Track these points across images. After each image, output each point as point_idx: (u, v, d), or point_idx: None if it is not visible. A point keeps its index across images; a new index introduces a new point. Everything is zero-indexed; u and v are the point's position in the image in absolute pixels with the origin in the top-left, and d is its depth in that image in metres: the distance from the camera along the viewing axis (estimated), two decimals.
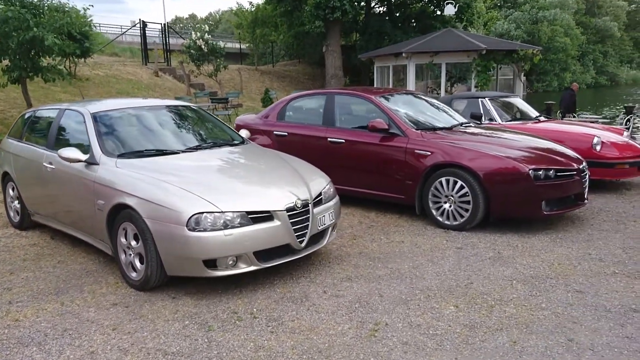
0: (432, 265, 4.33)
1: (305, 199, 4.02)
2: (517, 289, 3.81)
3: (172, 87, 17.80)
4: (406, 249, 4.78)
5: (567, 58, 54.11)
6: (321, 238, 4.30)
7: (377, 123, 5.67)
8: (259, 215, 3.76)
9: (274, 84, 23.63)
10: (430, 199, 5.40)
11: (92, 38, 13.72)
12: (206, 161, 4.40)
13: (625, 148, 6.87)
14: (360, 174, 5.97)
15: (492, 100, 7.84)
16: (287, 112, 6.87)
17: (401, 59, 15.79)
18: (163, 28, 20.09)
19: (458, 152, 5.20)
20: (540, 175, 4.92)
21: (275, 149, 6.59)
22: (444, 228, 5.32)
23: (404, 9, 27.13)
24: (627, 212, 5.88)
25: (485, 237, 5.01)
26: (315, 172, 4.62)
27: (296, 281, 4.06)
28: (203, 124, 5.31)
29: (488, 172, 4.99)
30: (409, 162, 5.51)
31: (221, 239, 3.59)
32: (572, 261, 4.34)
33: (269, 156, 4.81)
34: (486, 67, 14.84)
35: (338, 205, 4.54)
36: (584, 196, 5.33)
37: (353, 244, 4.98)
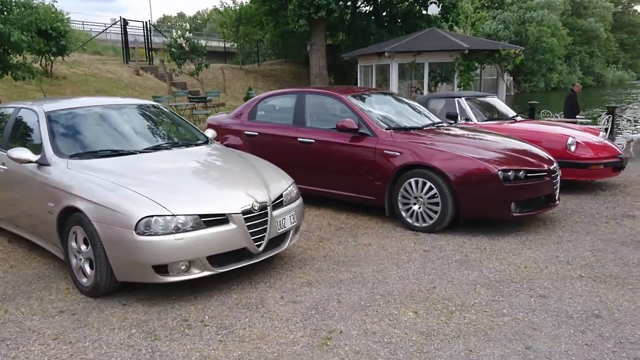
0: (396, 269, 4.22)
1: (264, 201, 3.88)
2: (480, 294, 3.70)
3: (153, 86, 17.55)
4: (372, 252, 4.66)
5: (554, 58, 54.47)
6: (282, 241, 4.16)
7: (347, 123, 5.55)
8: (214, 219, 3.62)
9: (259, 83, 23.44)
10: (400, 200, 5.29)
11: (68, 36, 13.44)
12: (163, 162, 4.24)
13: (600, 148, 6.81)
14: (330, 174, 5.84)
15: (468, 100, 7.76)
16: (258, 111, 6.72)
17: (384, 59, 15.67)
18: (145, 26, 19.82)
19: (427, 152, 5.10)
20: (510, 176, 4.82)
21: (246, 149, 6.48)
22: (414, 230, 5.21)
23: (389, 9, 27.07)
24: (600, 213, 5.81)
25: (454, 240, 4.91)
26: (277, 173, 4.48)
27: (254, 286, 3.92)
28: (166, 124, 5.16)
29: (456, 173, 4.89)
30: (378, 162, 5.40)
31: (172, 244, 3.44)
32: (539, 264, 4.25)
33: (231, 157, 4.67)
34: (469, 66, 14.77)
35: (301, 207, 4.41)
36: (555, 197, 5.24)
37: (319, 246, 4.85)
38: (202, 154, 4.64)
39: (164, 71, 17.60)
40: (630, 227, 5.22)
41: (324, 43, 21.07)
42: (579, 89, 13.48)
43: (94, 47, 23.98)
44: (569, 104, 13.00)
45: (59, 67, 15.28)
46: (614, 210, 5.90)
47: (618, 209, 5.95)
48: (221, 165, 4.41)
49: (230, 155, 4.72)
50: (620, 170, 6.93)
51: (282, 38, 24.70)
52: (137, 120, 4.96)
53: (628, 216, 5.65)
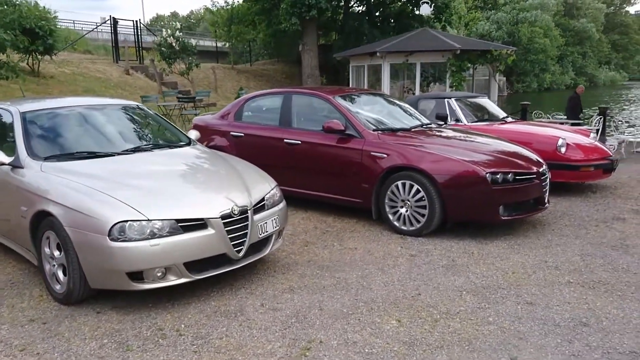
0: (381, 275, 4.11)
1: (244, 205, 3.76)
2: (465, 301, 3.60)
3: (143, 85, 17.37)
4: (358, 256, 4.55)
5: (546, 59, 54.64)
6: (264, 246, 4.05)
7: (333, 124, 5.44)
8: (191, 224, 3.50)
9: (251, 83, 23.27)
10: (387, 203, 5.19)
11: (55, 35, 13.24)
12: (141, 165, 4.12)
13: (590, 150, 6.74)
14: (317, 176, 5.73)
15: (458, 100, 7.67)
16: (244, 111, 6.60)
17: (376, 59, 15.58)
18: (135, 25, 19.63)
19: (414, 154, 5.00)
20: (498, 179, 4.73)
21: (232, 150, 6.37)
22: (401, 234, 5.10)
23: (383, 9, 27.00)
24: (590, 216, 5.73)
25: (441, 244, 4.81)
26: (260, 176, 4.37)
27: (234, 293, 3.80)
28: (148, 125, 5.02)
29: (444, 175, 4.79)
30: (365, 164, 5.29)
31: (147, 250, 3.31)
32: (527, 270, 4.16)
33: (212, 159, 4.55)
34: (460, 67, 14.71)
35: (284, 210, 4.29)
36: (544, 200, 5.16)
37: (304, 251, 4.73)
38: (183, 156, 4.51)
39: (154, 71, 17.41)
40: (620, 231, 5.15)
41: (316, 43, 20.96)
42: (581, 91, 13.19)
43: (84, 46, 23.74)
44: (570, 105, 12.82)
45: (47, 67, 15.06)
46: (604, 213, 5.83)
47: (608, 212, 5.87)
48: (202, 168, 4.29)
49: (212, 158, 4.59)
50: (611, 172, 6.87)
51: (275, 38, 24.57)
52: (118, 121, 4.82)
53: (618, 219, 5.57)
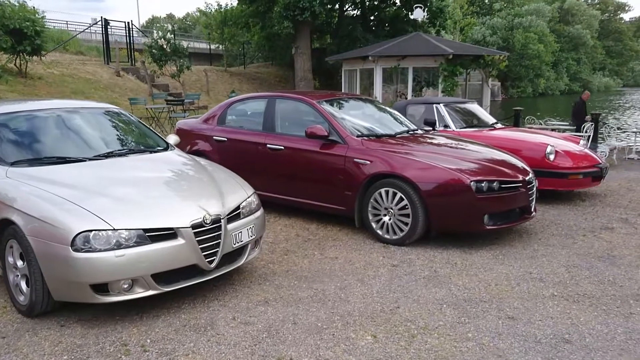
0: (360, 286, 3.98)
1: (217, 214, 3.62)
2: (445, 315, 3.47)
3: (133, 87, 17.19)
4: (338, 266, 4.42)
5: (541, 64, 54.82)
6: (238, 256, 3.91)
7: (316, 129, 5.31)
8: (160, 233, 3.35)
9: (244, 85, 23.14)
10: (370, 211, 5.06)
11: (43, 35, 13.06)
12: (113, 171, 3.96)
13: (580, 158, 6.64)
14: (300, 183, 5.60)
15: (447, 106, 7.56)
16: (228, 116, 6.47)
17: (368, 63, 15.49)
18: (127, 26, 19.47)
19: (397, 161, 4.87)
20: (483, 188, 4.61)
21: (214, 155, 6.24)
22: (384, 242, 4.98)
23: (377, 13, 26.96)
24: (578, 225, 5.62)
25: (424, 253, 4.68)
26: (237, 183, 4.23)
27: (207, 305, 3.66)
28: (125, 129, 4.87)
29: (427, 183, 4.67)
30: (348, 171, 5.16)
31: (111, 261, 3.17)
32: (510, 281, 4.03)
33: (188, 165, 4.41)
34: (453, 72, 14.63)
35: (261, 219, 4.15)
36: (530, 209, 5.04)
37: (283, 260, 4.59)
38: (157, 162, 4.37)
39: (145, 73, 17.24)
40: (608, 241, 5.03)
41: (309, 46, 20.86)
42: (587, 97, 12.81)
43: (77, 47, 23.49)
44: (575, 111, 12.56)
45: (36, 67, 14.86)
46: (592, 222, 5.72)
47: (597, 221, 5.77)
48: (176, 175, 4.15)
49: (189, 164, 4.45)
50: (600, 180, 6.77)
51: (269, 41, 24.45)
52: (93, 126, 4.66)
53: (607, 228, 5.47)
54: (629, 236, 5.19)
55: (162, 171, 4.17)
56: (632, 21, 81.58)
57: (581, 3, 69.22)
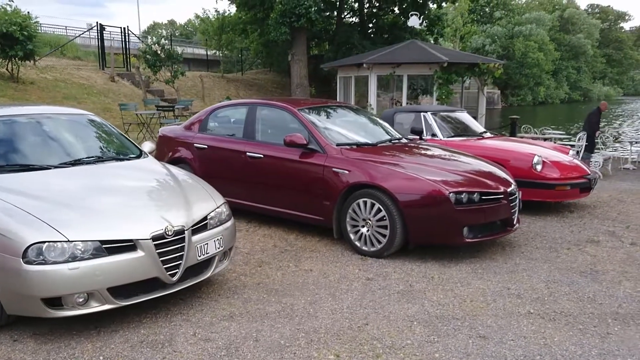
0: (331, 301, 3.84)
1: (180, 225, 3.50)
2: (414, 333, 3.33)
3: (127, 92, 17.13)
4: (312, 279, 4.29)
5: (541, 73, 54.81)
6: (205, 269, 3.78)
7: (295, 138, 5.19)
8: (118, 245, 3.23)
9: (241, 92, 23.08)
10: (348, 222, 4.93)
11: (35, 40, 13.01)
12: (76, 179, 3.85)
13: (568, 168, 6.51)
14: (279, 192, 5.48)
15: (434, 114, 7.45)
16: (209, 122, 6.36)
17: (363, 70, 15.40)
18: (123, 32, 19.44)
19: (375, 171, 4.75)
20: (462, 199, 4.48)
21: (195, 162, 6.15)
22: (362, 254, 4.85)
23: (375, 20, 26.95)
24: (564, 237, 5.48)
25: (402, 266, 4.55)
26: (206, 192, 4.10)
27: (169, 319, 3.53)
28: (97, 136, 4.76)
29: (405, 194, 4.54)
30: (326, 181, 5.04)
31: (65, 274, 3.05)
32: (486, 297, 3.90)
33: (158, 174, 4.28)
34: (448, 79, 14.53)
35: (231, 230, 4.03)
36: (512, 222, 4.90)
37: (256, 272, 4.46)
38: (126, 170, 4.25)
39: (139, 78, 17.18)
40: (592, 255, 4.90)
41: (305, 53, 20.79)
42: (605, 107, 12.12)
43: (74, 52, 23.49)
44: (591, 120, 12.09)
45: (29, 72, 14.82)
46: (578, 235, 5.58)
47: (583, 234, 5.63)
48: (142, 184, 4.02)
49: (159, 172, 4.33)
50: (589, 191, 6.64)
51: (266, 47, 24.43)
52: (63, 132, 4.54)
53: (592, 242, 5.33)
54: (614, 250, 5.06)
55: (129, 180, 4.05)
56: (632, 30, 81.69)
57: (581, 12, 69.35)
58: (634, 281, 4.22)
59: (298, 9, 18.80)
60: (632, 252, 4.98)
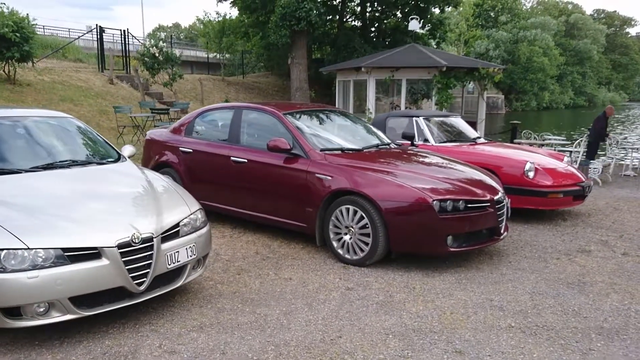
0: (307, 311, 3.72)
1: (148, 232, 3.39)
2: (388, 347, 3.21)
3: (126, 95, 17.07)
4: (290, 288, 4.17)
5: (545, 78, 54.56)
6: (176, 277, 3.67)
7: (279, 142, 5.08)
8: (81, 253, 3.13)
9: (241, 95, 23.00)
10: (331, 229, 4.81)
11: (31, 42, 12.97)
12: (46, 183, 3.75)
13: (561, 175, 6.37)
14: (263, 198, 5.37)
15: (426, 119, 7.32)
16: (195, 126, 6.26)
17: (362, 74, 15.30)
18: (122, 34, 19.41)
19: (358, 177, 4.63)
20: (447, 207, 4.35)
21: (181, 166, 6.06)
22: (345, 263, 4.72)
23: (377, 24, 26.87)
24: (554, 247, 5.34)
25: (384, 276, 4.42)
26: (180, 198, 3.99)
27: (137, 330, 3.41)
28: (74, 140, 4.66)
29: (388, 201, 4.41)
30: (309, 187, 4.93)
31: (23, 283, 2.94)
32: (467, 309, 3.76)
33: (133, 179, 4.18)
34: (447, 84, 14.40)
35: (206, 237, 3.91)
36: (499, 230, 4.77)
37: (234, 280, 4.35)
38: (100, 174, 4.15)
39: (137, 80, 17.14)
40: (582, 265, 4.75)
41: (305, 56, 20.70)
42: (611, 112, 11.70)
43: (76, 54, 23.52)
44: (595, 126, 11.84)
45: (27, 74, 14.79)
46: (569, 244, 5.44)
47: (574, 243, 5.49)
48: (114, 189, 3.91)
49: (133, 177, 4.22)
50: (582, 199, 6.49)
51: (267, 50, 24.38)
52: (38, 135, 4.45)
53: (583, 251, 5.18)
54: (604, 260, 4.91)
55: (101, 185, 3.94)
56: (638, 36, 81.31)
57: (587, 17, 69.05)
58: (622, 293, 4.08)
59: (298, 12, 18.74)
60: (623, 263, 4.83)
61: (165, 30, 78.38)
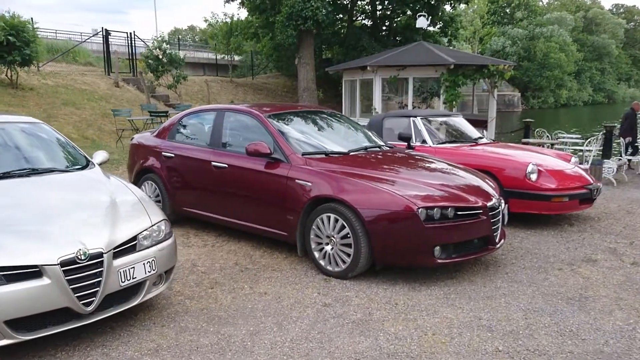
0: (276, 331, 3.41)
1: (98, 247, 3.11)
2: None
3: (131, 98, 16.96)
4: (263, 304, 3.86)
5: (562, 74, 53.46)
6: (133, 295, 3.39)
7: (259, 146, 4.78)
8: (20, 272, 2.86)
9: (249, 96, 22.80)
10: (313, 239, 4.50)
11: (33, 45, 12.90)
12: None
13: (567, 177, 5.95)
14: (245, 205, 5.07)
15: (424, 119, 6.96)
16: (179, 130, 5.99)
17: (368, 73, 14.95)
18: (128, 37, 19.34)
19: (338, 183, 4.30)
20: (434, 215, 4.00)
21: (163, 171, 5.83)
22: (327, 275, 4.40)
23: (388, 22, 26.46)
24: (557, 255, 4.95)
25: (367, 290, 4.09)
26: (142, 209, 3.70)
27: (87, 353, 3.14)
28: (38, 146, 4.41)
29: (370, 209, 4.08)
30: (290, 193, 4.62)
31: None
32: (452, 330, 3.41)
33: (94, 187, 3.90)
34: (455, 82, 13.97)
35: (169, 250, 3.62)
36: (494, 239, 4.39)
37: (205, 295, 4.05)
38: (58, 183, 3.88)
39: (142, 83, 17.02)
40: (585, 277, 4.36)
41: (312, 56, 20.39)
42: (638, 107, 11.41)
43: (86, 57, 23.58)
44: (626, 123, 11.38)
45: (31, 79, 14.76)
46: (574, 253, 5.04)
47: (580, 251, 5.08)
48: (69, 199, 3.64)
49: (93, 186, 3.94)
50: (590, 203, 6.07)
51: (276, 51, 24.16)
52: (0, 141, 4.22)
53: (588, 261, 4.78)
54: (611, 271, 4.51)
55: (56, 195, 3.67)
56: None
57: (605, 12, 67.58)
58: (627, 310, 3.68)
59: (305, 12, 18.46)
60: (632, 274, 4.43)
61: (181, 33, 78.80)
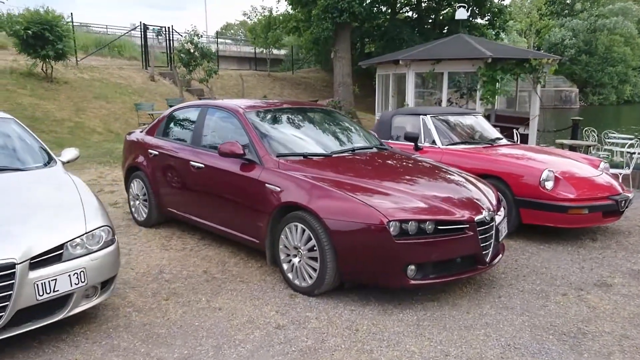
0: (210, 357, 3.04)
1: (9, 258, 2.84)
2: None
3: (165, 92, 17.08)
4: (211, 322, 3.50)
5: (627, 69, 50.18)
6: (58, 309, 3.11)
7: (233, 146, 4.41)
8: None
9: (285, 91, 22.58)
10: (281, 249, 4.09)
11: (66, 40, 13.14)
12: None
13: (590, 186, 5.25)
14: (220, 208, 4.73)
15: (435, 117, 6.37)
16: (166, 126, 5.73)
17: (401, 67, 14.29)
18: (167, 31, 19.51)
19: (305, 189, 3.87)
20: (408, 230, 3.50)
21: (148, 169, 5.61)
22: (294, 289, 3.99)
23: (434, 15, 25.53)
24: (566, 277, 4.31)
25: (331, 310, 3.64)
26: (81, 213, 3.40)
27: None
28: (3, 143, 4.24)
29: (336, 219, 3.62)
30: (260, 198, 4.23)
31: None
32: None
33: (38, 190, 3.65)
34: (493, 77, 13.09)
35: (106, 260, 3.31)
36: (483, 259, 3.82)
37: (156, 307, 3.74)
38: (13, 183, 3.67)
39: (175, 77, 17.11)
40: (592, 306, 3.72)
41: (349, 50, 19.86)
42: None
43: (130, 52, 24.09)
44: None
45: (67, 72, 15.09)
46: (588, 274, 4.38)
47: (595, 272, 4.42)
48: (7, 203, 3.40)
49: (39, 188, 3.69)
50: (618, 216, 5.32)
51: (317, 45, 23.78)
52: None
53: (602, 285, 4.12)
54: (626, 300, 3.84)
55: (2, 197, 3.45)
56: None
57: None
58: (630, 354, 3.06)
59: (340, 4, 17.98)
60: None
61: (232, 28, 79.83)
